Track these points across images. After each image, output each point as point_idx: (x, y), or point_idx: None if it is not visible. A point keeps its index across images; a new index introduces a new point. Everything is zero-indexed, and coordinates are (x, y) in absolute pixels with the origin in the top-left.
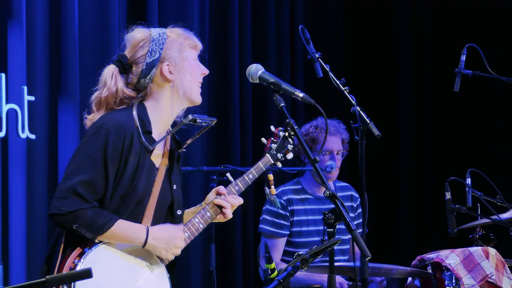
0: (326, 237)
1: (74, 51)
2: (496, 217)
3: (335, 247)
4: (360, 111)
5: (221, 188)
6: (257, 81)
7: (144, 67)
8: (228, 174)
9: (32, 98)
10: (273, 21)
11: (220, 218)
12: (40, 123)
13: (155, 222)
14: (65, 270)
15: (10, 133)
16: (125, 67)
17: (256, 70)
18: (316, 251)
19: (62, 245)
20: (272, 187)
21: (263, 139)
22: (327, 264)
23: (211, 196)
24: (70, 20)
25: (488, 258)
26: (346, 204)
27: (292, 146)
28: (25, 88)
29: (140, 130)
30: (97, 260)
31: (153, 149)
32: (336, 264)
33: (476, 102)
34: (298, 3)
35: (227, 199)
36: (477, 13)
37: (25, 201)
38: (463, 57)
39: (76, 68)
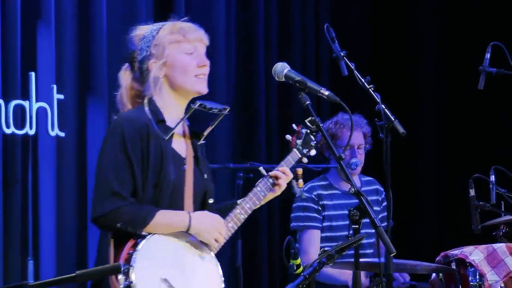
0: (352, 232)
1: (102, 51)
2: None
3: (363, 241)
4: (385, 109)
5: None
6: (283, 79)
7: (138, 64)
8: (261, 168)
9: (61, 96)
10: (298, 19)
11: (270, 195)
12: (69, 121)
13: (195, 211)
14: (122, 263)
15: (40, 131)
16: (132, 64)
17: (282, 69)
18: (342, 247)
19: (112, 240)
20: (300, 180)
21: (288, 136)
22: (352, 259)
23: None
24: (99, 20)
25: None
26: (371, 198)
27: (314, 143)
28: (55, 86)
29: (153, 121)
30: (151, 250)
31: (170, 136)
32: (361, 260)
33: (500, 100)
34: (323, 1)
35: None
36: (500, 10)
37: (54, 197)
38: (488, 55)
39: (105, 67)
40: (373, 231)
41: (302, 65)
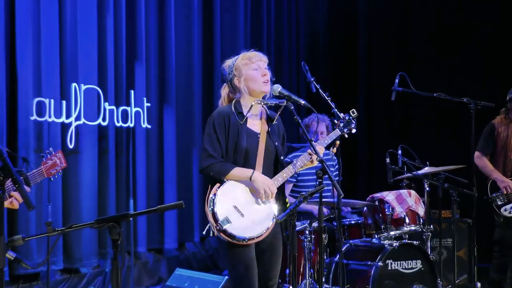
0: (317, 183)
1: (172, 75)
2: (415, 172)
3: (324, 189)
4: (337, 111)
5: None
6: (278, 94)
7: (229, 83)
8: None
9: (148, 104)
10: (287, 61)
11: (308, 164)
12: (153, 119)
13: (265, 168)
14: (211, 195)
15: (137, 124)
16: (227, 83)
17: (277, 88)
18: (312, 192)
19: (210, 184)
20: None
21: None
22: (318, 199)
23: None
24: (170, 57)
25: (411, 196)
26: (329, 163)
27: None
28: (145, 98)
29: (235, 113)
30: (228, 189)
31: (244, 121)
32: (323, 200)
33: (405, 104)
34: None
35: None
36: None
37: (145, 163)
38: (396, 80)
39: (173, 86)
40: (330, 182)
41: (289, 85)
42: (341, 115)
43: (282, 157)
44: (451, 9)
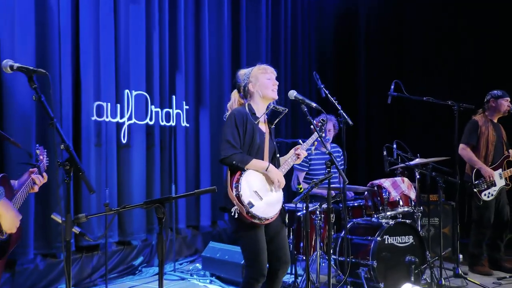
0: (326, 171)
1: (206, 82)
2: (407, 163)
3: (333, 176)
4: (343, 112)
5: (297, 147)
6: (294, 98)
7: (242, 87)
8: (300, 140)
9: (187, 107)
10: (301, 68)
11: (297, 161)
12: (191, 119)
13: (269, 162)
14: (234, 183)
15: (177, 123)
16: (238, 88)
17: (292, 93)
18: (322, 179)
19: (229, 172)
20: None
21: (312, 127)
22: (326, 185)
23: (291, 151)
24: (204, 67)
25: (404, 183)
26: (336, 155)
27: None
28: (184, 102)
29: (249, 114)
30: (248, 176)
31: (258, 121)
32: (331, 185)
33: (400, 107)
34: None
35: (300, 150)
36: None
37: (184, 155)
38: (392, 86)
39: (207, 91)
40: (337, 171)
41: (303, 90)
42: (314, 121)
43: (278, 155)
44: (437, 28)
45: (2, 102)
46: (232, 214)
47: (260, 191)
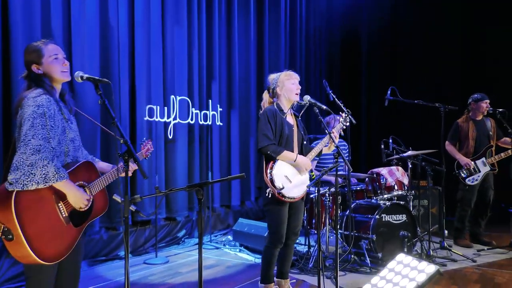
0: (334, 161)
1: (236, 89)
2: (401, 155)
3: (340, 165)
4: (349, 113)
5: (333, 131)
6: (307, 101)
7: (271, 89)
8: (327, 131)
9: (221, 109)
10: (313, 75)
11: (328, 147)
12: (224, 119)
13: (298, 149)
14: (269, 169)
15: (213, 122)
16: (268, 90)
17: (307, 97)
18: (331, 167)
19: (264, 161)
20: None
21: (322, 126)
22: (334, 172)
23: (324, 140)
24: (234, 76)
25: (398, 171)
26: (342, 147)
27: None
28: (218, 105)
29: (278, 110)
30: (281, 164)
31: (285, 116)
32: (338, 173)
33: (394, 109)
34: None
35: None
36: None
37: (219, 148)
38: (389, 91)
39: (237, 96)
40: (343, 161)
41: (314, 94)
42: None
43: (305, 142)
44: (426, 40)
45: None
46: (266, 194)
47: (289, 176)
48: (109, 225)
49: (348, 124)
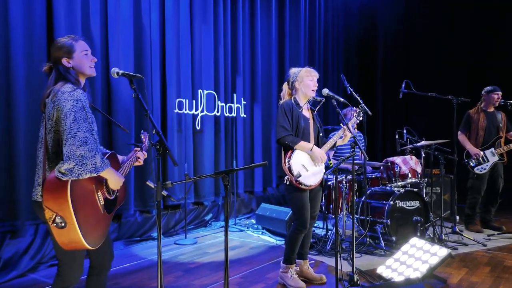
0: (351, 150)
1: (258, 83)
2: (415, 144)
3: (356, 154)
4: (364, 106)
5: (344, 128)
6: (326, 94)
7: (291, 82)
8: (341, 124)
9: (245, 102)
10: (330, 72)
11: (342, 139)
12: (247, 111)
13: (314, 141)
14: (287, 158)
15: (237, 114)
16: (288, 83)
17: (325, 90)
18: (348, 156)
19: (283, 151)
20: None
21: (340, 117)
22: (351, 161)
23: (339, 133)
24: (257, 71)
25: (412, 160)
26: (358, 138)
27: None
28: (242, 98)
29: (295, 104)
30: (298, 154)
31: (301, 110)
32: (355, 161)
33: (409, 102)
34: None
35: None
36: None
37: (243, 138)
38: (403, 85)
39: (259, 90)
40: (359, 150)
41: (332, 87)
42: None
43: (321, 134)
44: (439, 36)
45: (111, 100)
46: (285, 182)
47: (306, 165)
48: (143, 208)
49: (361, 118)
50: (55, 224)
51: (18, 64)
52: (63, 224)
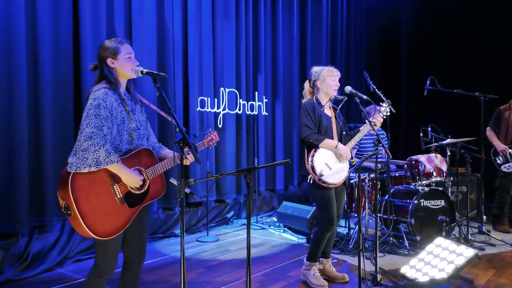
0: (374, 149)
1: (280, 81)
2: (440, 143)
3: (379, 152)
4: (389, 103)
5: (375, 116)
6: (349, 92)
7: (313, 82)
8: (367, 120)
9: (266, 100)
10: (353, 69)
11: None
12: (269, 109)
13: (337, 139)
14: (310, 157)
15: (259, 113)
16: (310, 81)
17: (348, 88)
18: (371, 154)
19: (306, 150)
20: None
21: (363, 114)
22: (374, 159)
23: (363, 129)
24: (278, 69)
25: (437, 158)
26: (381, 136)
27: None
28: (264, 96)
29: (316, 103)
30: (321, 152)
31: (323, 109)
32: (378, 160)
33: (432, 99)
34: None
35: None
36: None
37: (264, 135)
38: (428, 82)
39: (281, 88)
40: (382, 148)
41: (355, 85)
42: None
43: (344, 132)
44: (463, 33)
45: None
46: (308, 180)
47: (329, 163)
48: (166, 205)
49: (388, 114)
50: (65, 211)
51: (45, 66)
52: (69, 212)
